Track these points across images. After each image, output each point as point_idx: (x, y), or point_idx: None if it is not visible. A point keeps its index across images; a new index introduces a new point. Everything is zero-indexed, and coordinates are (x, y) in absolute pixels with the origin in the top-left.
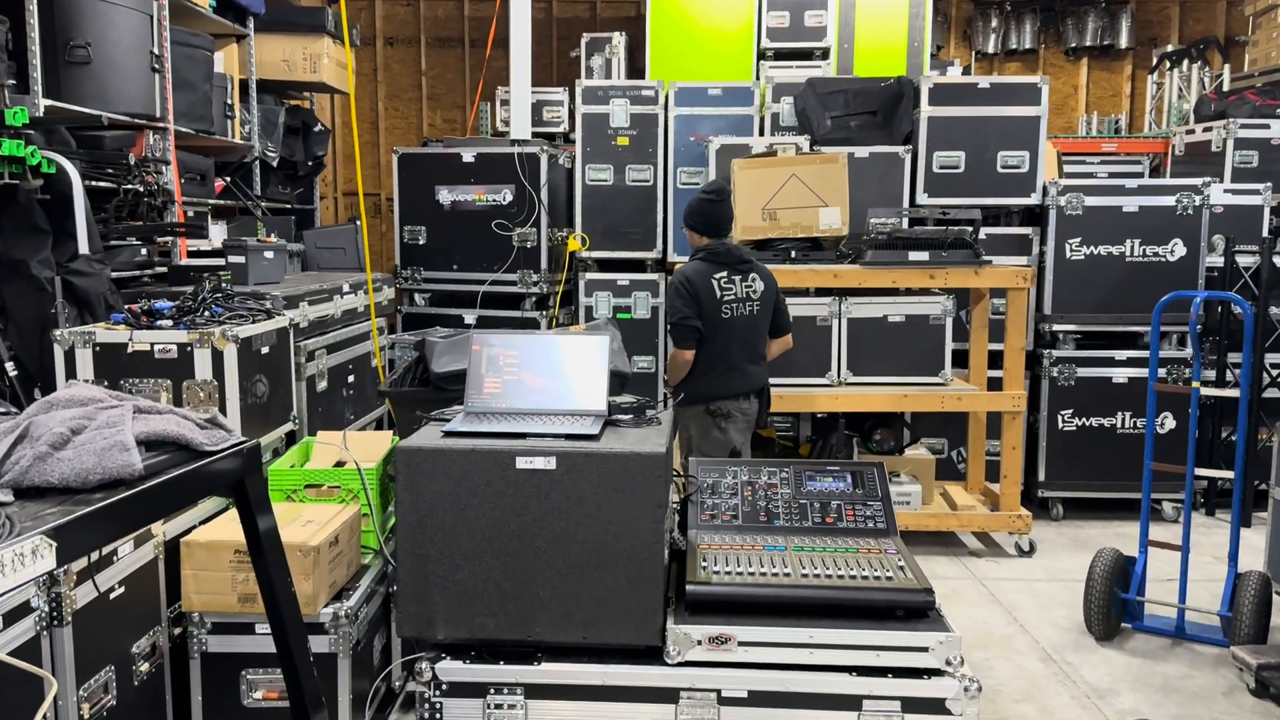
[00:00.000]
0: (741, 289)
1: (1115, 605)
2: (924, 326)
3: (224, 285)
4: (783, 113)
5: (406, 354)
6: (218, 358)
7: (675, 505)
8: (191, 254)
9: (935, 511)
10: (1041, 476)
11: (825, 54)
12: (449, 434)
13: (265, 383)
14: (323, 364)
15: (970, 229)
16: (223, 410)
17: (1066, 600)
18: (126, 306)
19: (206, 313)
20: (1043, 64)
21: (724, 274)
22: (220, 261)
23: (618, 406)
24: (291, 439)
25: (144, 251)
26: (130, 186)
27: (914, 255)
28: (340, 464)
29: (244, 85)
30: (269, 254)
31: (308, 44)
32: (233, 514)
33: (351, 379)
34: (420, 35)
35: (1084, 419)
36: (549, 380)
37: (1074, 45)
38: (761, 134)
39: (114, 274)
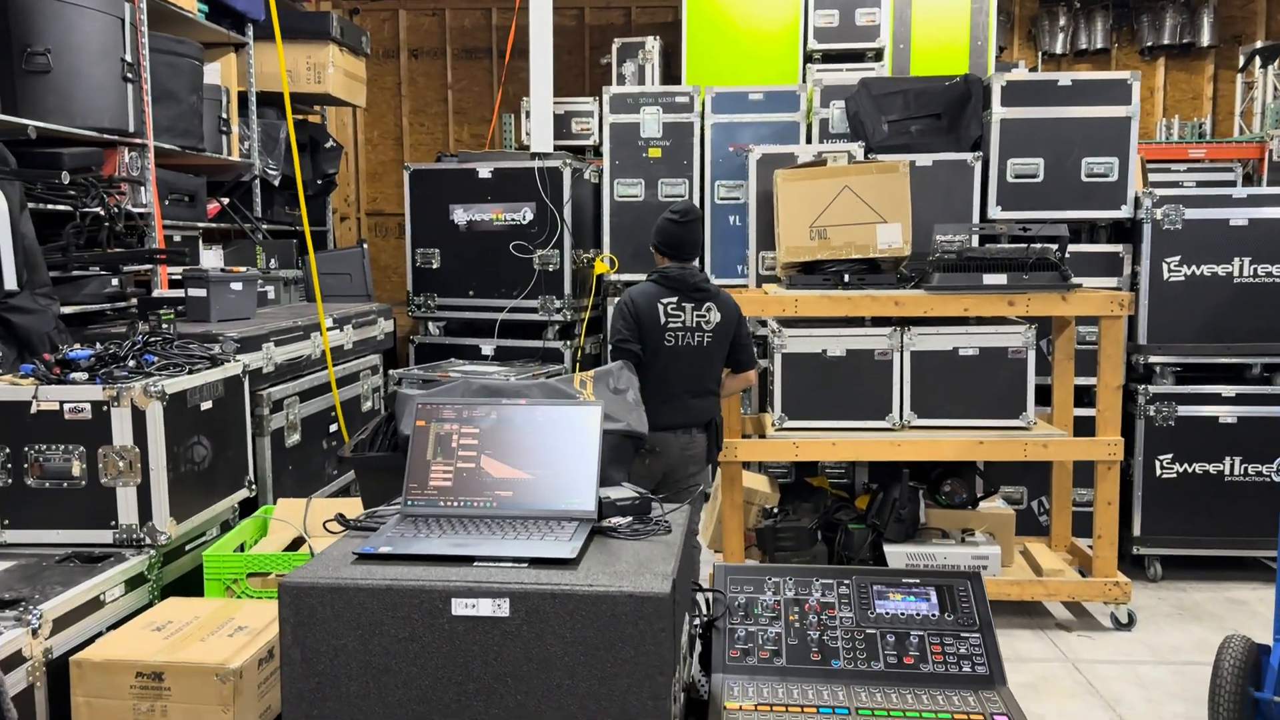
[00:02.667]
0: (692, 317)
1: (1248, 708)
2: (1001, 360)
3: (164, 326)
4: (833, 118)
5: (405, 387)
6: (139, 418)
7: (696, 629)
8: (176, 284)
9: (1018, 578)
10: (1136, 530)
11: (879, 55)
12: (362, 557)
13: (207, 444)
14: (294, 414)
15: (1055, 247)
16: (145, 483)
17: (1180, 691)
18: (43, 355)
19: (132, 361)
20: (1115, 65)
21: (674, 300)
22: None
23: (614, 505)
24: (251, 507)
25: (115, 282)
26: (90, 210)
27: (990, 278)
28: (300, 541)
29: (243, 98)
30: (236, 285)
31: (311, 53)
32: (145, 620)
33: (334, 428)
34: (446, 47)
35: (1186, 464)
36: (520, 468)
37: (1150, 44)
38: (809, 142)
39: (79, 307)
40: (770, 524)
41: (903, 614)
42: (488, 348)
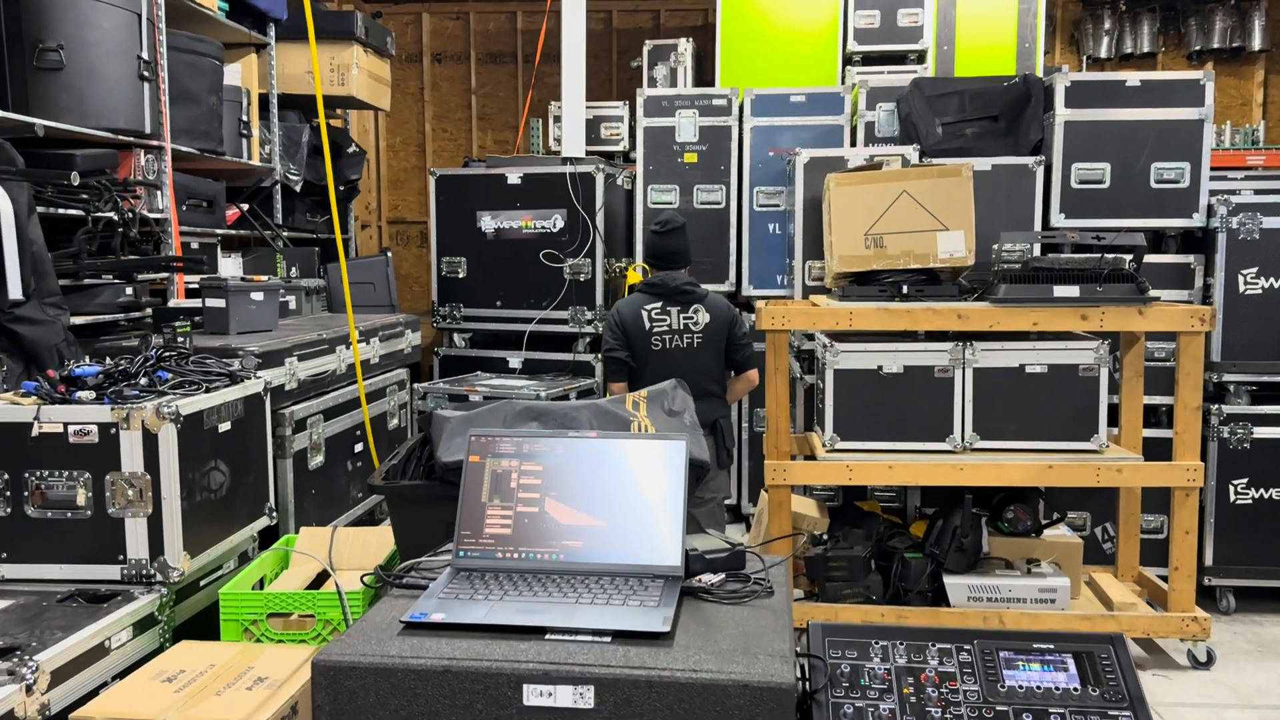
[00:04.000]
0: (678, 320)
1: None
2: (1071, 378)
3: (179, 340)
4: (879, 121)
5: (440, 407)
6: (150, 442)
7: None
8: (193, 293)
9: (1089, 613)
10: (1209, 560)
11: (921, 57)
12: (410, 626)
13: (225, 470)
14: (318, 433)
15: (1129, 258)
16: (157, 513)
17: None
18: (48, 371)
19: (144, 379)
20: (1161, 69)
21: (658, 305)
22: (220, 303)
23: (702, 558)
24: (272, 536)
25: (129, 291)
26: (103, 214)
27: (1061, 290)
28: (325, 576)
29: (264, 100)
30: (257, 295)
31: (335, 53)
32: (155, 668)
33: (359, 448)
34: (470, 51)
35: (1262, 490)
36: (591, 513)
37: (1198, 48)
38: (853, 145)
39: (91, 318)
40: (820, 552)
41: (1038, 688)
42: (515, 360)
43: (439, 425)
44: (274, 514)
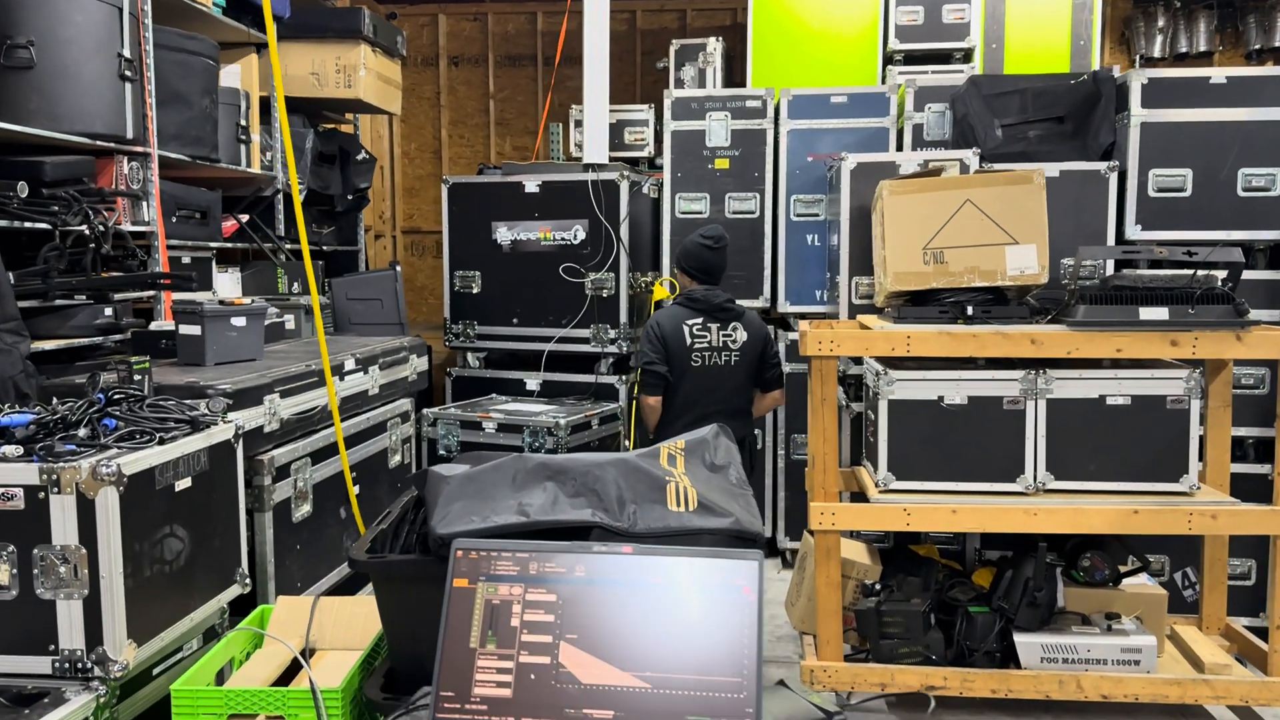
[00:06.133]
0: (718, 337)
1: None
2: (1159, 411)
3: (135, 378)
4: (928, 123)
5: (451, 435)
6: (86, 508)
7: None
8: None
9: (1177, 676)
10: None
11: (968, 56)
12: None
13: (183, 535)
14: (304, 480)
15: (1226, 274)
16: (95, 594)
17: None
18: None
19: (84, 430)
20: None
21: (699, 321)
22: (194, 330)
23: None
24: (248, 604)
25: (107, 312)
26: (73, 228)
27: (1148, 313)
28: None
29: (265, 104)
30: (238, 321)
31: (341, 53)
32: None
33: (356, 490)
34: (488, 54)
35: None
36: (626, 666)
37: (1257, 46)
38: (899, 150)
39: (64, 341)
40: (873, 605)
41: None
42: (533, 382)
43: (435, 487)
44: (247, 580)
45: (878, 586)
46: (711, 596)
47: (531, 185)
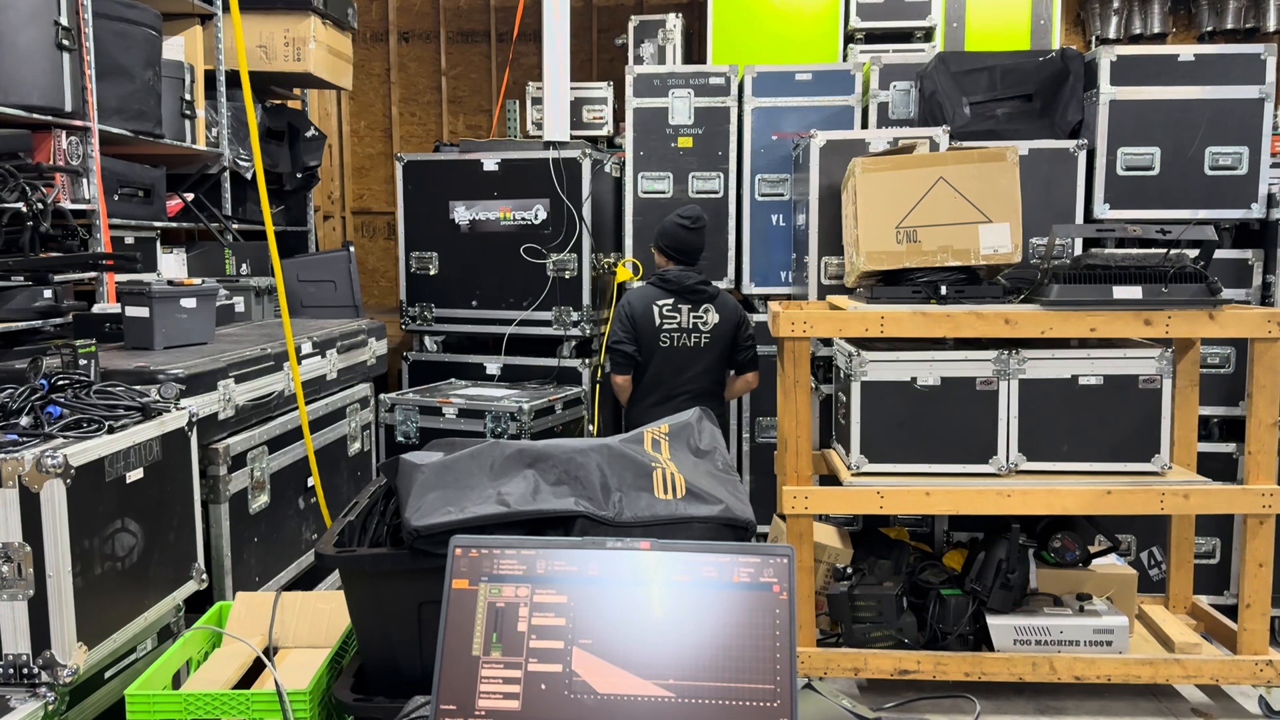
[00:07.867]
0: (688, 319)
1: None
2: (1130, 391)
3: (80, 363)
4: (893, 102)
5: (410, 421)
6: (31, 503)
7: None
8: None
9: (1149, 656)
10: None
11: (928, 35)
12: None
13: (136, 529)
14: (261, 469)
15: (1198, 253)
16: (41, 594)
17: None
18: None
19: (26, 419)
20: None
21: (669, 301)
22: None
23: None
24: (204, 601)
25: (47, 294)
26: (9, 205)
27: (1121, 291)
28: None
29: (210, 78)
30: (188, 302)
31: (290, 25)
32: None
33: (312, 482)
34: (440, 29)
35: None
36: (647, 674)
37: (1210, 29)
38: (864, 128)
39: (5, 325)
40: (846, 589)
41: None
42: (493, 366)
43: (407, 476)
44: (204, 576)
45: (849, 570)
46: (739, 596)
47: (490, 163)
